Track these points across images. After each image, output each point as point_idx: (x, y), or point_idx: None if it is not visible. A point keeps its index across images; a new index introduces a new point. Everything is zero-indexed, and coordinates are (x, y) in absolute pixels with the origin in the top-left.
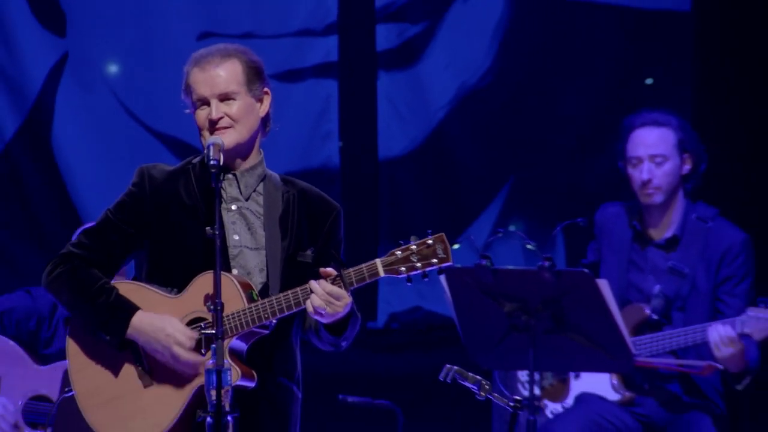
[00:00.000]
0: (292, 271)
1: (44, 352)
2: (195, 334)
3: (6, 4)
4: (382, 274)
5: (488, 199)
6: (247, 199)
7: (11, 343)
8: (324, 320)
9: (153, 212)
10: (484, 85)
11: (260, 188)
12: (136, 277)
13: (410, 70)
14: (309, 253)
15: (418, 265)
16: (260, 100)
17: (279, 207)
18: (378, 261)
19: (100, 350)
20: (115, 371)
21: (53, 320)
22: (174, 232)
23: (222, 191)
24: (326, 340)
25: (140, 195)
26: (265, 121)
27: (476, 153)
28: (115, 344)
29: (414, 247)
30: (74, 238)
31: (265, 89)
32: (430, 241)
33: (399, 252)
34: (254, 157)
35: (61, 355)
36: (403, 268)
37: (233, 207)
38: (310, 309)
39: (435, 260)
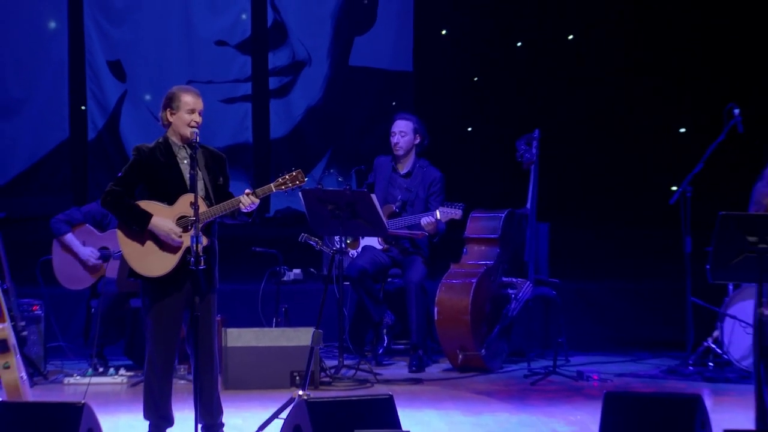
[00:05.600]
0: (216, 189)
1: (107, 229)
2: (179, 228)
3: (97, 65)
4: (274, 190)
5: (320, 156)
6: (192, 158)
7: (88, 225)
8: (247, 210)
9: (147, 166)
10: (318, 105)
11: (198, 153)
12: (139, 197)
13: (285, 98)
14: (221, 180)
15: (289, 184)
16: None
17: (203, 159)
18: (271, 184)
19: (136, 236)
20: (146, 244)
21: (108, 217)
22: (159, 175)
23: (178, 153)
24: (240, 220)
25: (140, 159)
26: None
27: (314, 135)
28: (142, 231)
29: (287, 176)
30: (113, 181)
31: None
32: (294, 173)
33: (280, 179)
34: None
35: (111, 230)
36: (283, 186)
37: (185, 161)
38: (242, 207)
39: (297, 181)
